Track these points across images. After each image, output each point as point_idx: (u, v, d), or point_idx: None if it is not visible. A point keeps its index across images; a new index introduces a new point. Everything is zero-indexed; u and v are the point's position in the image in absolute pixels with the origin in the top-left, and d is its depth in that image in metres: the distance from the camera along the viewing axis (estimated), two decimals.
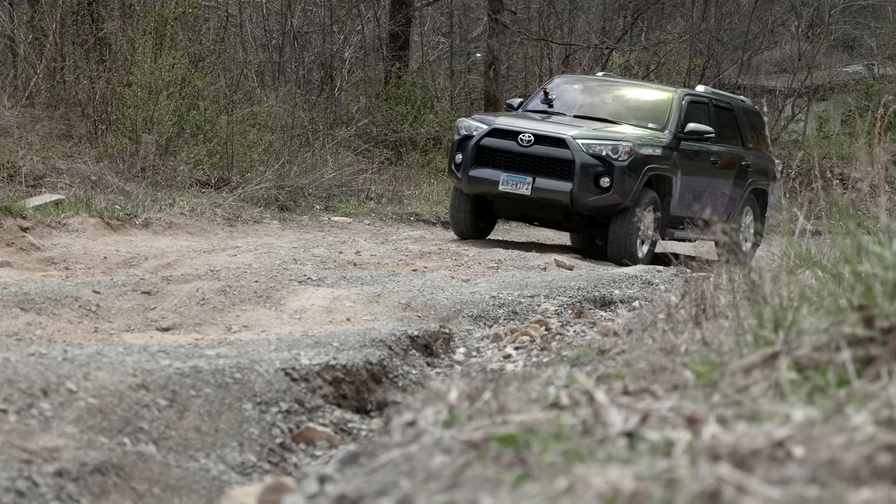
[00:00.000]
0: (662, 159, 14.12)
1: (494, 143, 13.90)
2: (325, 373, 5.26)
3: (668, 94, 15.35)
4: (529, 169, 13.73)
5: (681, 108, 14.79)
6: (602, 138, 13.77)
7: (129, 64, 16.91)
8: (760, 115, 17.65)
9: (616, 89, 15.67)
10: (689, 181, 14.62)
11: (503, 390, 3.42)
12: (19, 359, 4.56)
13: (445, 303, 8.15)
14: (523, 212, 14.51)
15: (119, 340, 5.95)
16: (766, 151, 16.83)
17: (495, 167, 13.87)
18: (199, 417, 4.53)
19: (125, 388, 4.47)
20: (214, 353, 5.33)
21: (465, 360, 6.55)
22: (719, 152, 15.33)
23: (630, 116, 14.86)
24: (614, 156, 13.55)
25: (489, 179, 13.87)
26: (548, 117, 14.72)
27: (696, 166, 14.82)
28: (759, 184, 16.23)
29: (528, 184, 13.68)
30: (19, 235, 10.31)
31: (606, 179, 13.54)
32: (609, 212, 13.80)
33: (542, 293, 8.84)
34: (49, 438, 3.88)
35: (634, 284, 9.69)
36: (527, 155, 13.72)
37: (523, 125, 14.02)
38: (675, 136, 14.46)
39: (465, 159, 13.97)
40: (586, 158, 13.58)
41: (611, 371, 4.01)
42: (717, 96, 16.14)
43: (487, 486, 2.47)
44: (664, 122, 14.65)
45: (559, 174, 13.64)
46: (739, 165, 15.81)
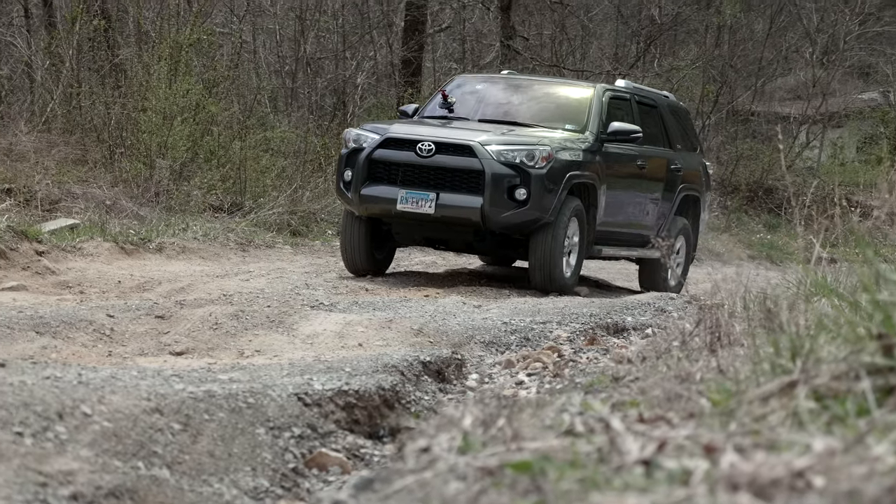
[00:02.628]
0: (585, 165, 12.30)
1: (389, 155, 11.90)
2: (337, 398, 5.26)
3: (585, 90, 13.49)
4: (432, 183, 11.76)
5: (601, 105, 12.93)
6: (515, 143, 11.85)
7: (145, 90, 16.99)
8: (687, 112, 16.10)
9: (525, 88, 13.81)
10: (615, 190, 12.89)
11: (517, 417, 3.41)
12: (35, 382, 4.56)
13: (457, 329, 8.14)
14: (426, 234, 12.40)
15: (133, 364, 5.95)
16: (696, 154, 15.22)
17: (391, 183, 11.84)
18: (212, 442, 4.52)
19: (139, 412, 4.46)
20: (227, 377, 5.32)
21: (477, 387, 6.54)
22: (646, 155, 13.53)
23: (543, 118, 13.03)
24: (530, 163, 11.67)
25: (385, 198, 11.81)
26: (449, 123, 12.82)
27: (622, 172, 13.11)
28: (691, 190, 14.48)
29: (430, 200, 11.69)
30: (35, 259, 10.34)
31: (523, 191, 11.62)
32: (527, 228, 11.90)
33: (554, 319, 8.83)
34: (64, 461, 3.88)
35: (647, 311, 9.66)
36: (428, 167, 11.76)
37: (422, 132, 12.06)
38: (597, 137, 12.61)
39: (356, 176, 11.90)
40: (498, 168, 11.63)
41: (625, 398, 4.00)
42: (640, 92, 14.27)
43: None
44: (583, 122, 12.78)
45: (467, 187, 11.69)
46: (669, 170, 14.01)
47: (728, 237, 21.06)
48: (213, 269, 11.43)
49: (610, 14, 27.76)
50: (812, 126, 28.89)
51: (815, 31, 30.59)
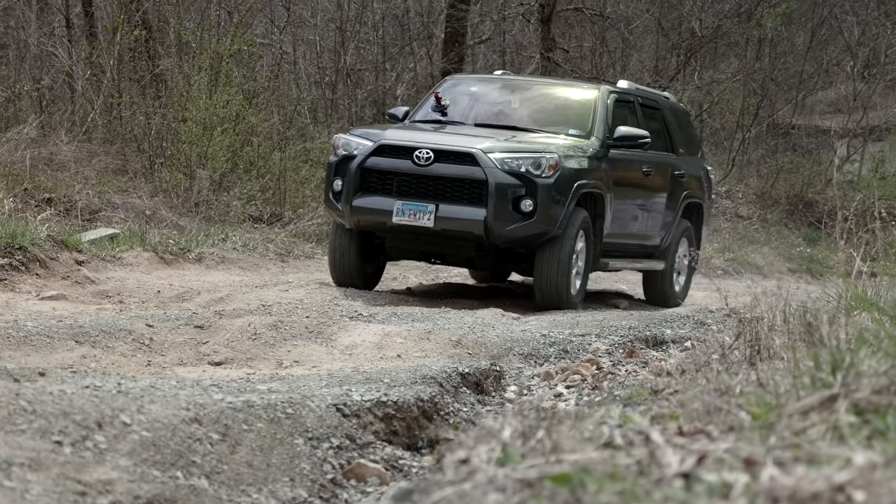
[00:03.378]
0: (593, 173, 11.53)
1: (383, 164, 11.05)
2: (376, 409, 5.26)
3: (589, 92, 12.60)
4: (430, 194, 10.92)
5: (607, 108, 12.14)
6: (520, 151, 11.03)
7: (185, 100, 17.08)
8: (688, 114, 15.25)
9: (523, 90, 12.92)
10: (621, 199, 12.13)
11: (557, 429, 3.40)
12: (74, 391, 4.59)
13: (496, 340, 8.13)
14: (424, 248, 11.57)
15: (172, 374, 5.98)
16: (699, 159, 14.36)
17: (386, 193, 11.01)
18: (251, 452, 4.53)
19: (178, 422, 4.48)
20: (266, 387, 5.34)
21: (516, 399, 6.53)
22: (651, 161, 12.73)
23: (544, 122, 12.22)
24: (537, 172, 10.88)
25: (379, 209, 10.96)
26: (444, 128, 11.95)
27: (628, 180, 12.34)
28: (695, 197, 13.70)
29: (429, 213, 10.83)
30: (75, 269, 10.41)
31: (529, 202, 10.84)
32: (533, 242, 11.12)
33: (592, 332, 8.81)
34: (103, 471, 3.90)
35: (686, 324, 9.63)
36: (426, 176, 10.91)
37: (419, 138, 11.21)
38: (602, 143, 11.83)
39: (347, 185, 11.04)
40: (502, 177, 10.83)
41: (664, 411, 3.98)
42: (642, 93, 13.46)
43: None
44: (588, 126, 11.99)
45: (469, 198, 10.88)
46: (673, 176, 13.19)
47: (768, 250, 20.95)
48: (252, 279, 11.48)
49: (650, 26, 27.70)
50: (853, 140, 28.72)
51: (856, 45, 30.42)
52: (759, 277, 16.50)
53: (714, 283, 13.74)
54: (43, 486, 3.62)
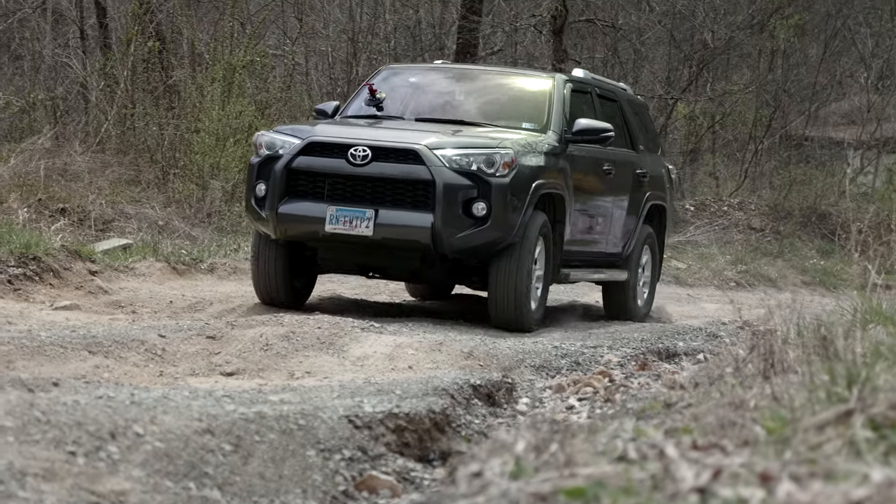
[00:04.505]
0: (551, 172, 10.25)
1: (313, 164, 9.77)
2: (388, 421, 5.25)
3: (544, 81, 11.30)
4: (368, 197, 9.65)
5: (563, 99, 10.89)
6: (470, 147, 9.75)
7: (198, 111, 17.12)
8: (646, 107, 13.96)
9: (469, 80, 11.60)
10: (582, 201, 10.91)
11: (570, 442, 3.39)
12: (88, 401, 4.59)
13: (508, 352, 8.13)
14: (361, 260, 10.18)
15: (184, 384, 5.98)
16: (659, 156, 13.25)
17: (317, 198, 9.73)
18: (263, 463, 4.53)
19: (191, 433, 4.48)
20: (278, 398, 5.34)
21: (528, 411, 6.52)
22: (612, 159, 11.50)
23: (495, 115, 10.93)
24: (490, 170, 9.61)
25: (309, 216, 9.70)
26: (381, 123, 10.66)
27: (589, 179, 11.13)
28: (658, 199, 12.47)
29: (368, 219, 9.56)
30: (88, 279, 10.43)
31: (482, 205, 9.57)
32: (487, 251, 9.80)
33: (605, 344, 8.80)
34: (116, 481, 3.90)
35: (699, 337, 9.61)
36: (363, 177, 9.65)
37: (354, 134, 9.94)
38: (561, 137, 10.59)
39: (272, 190, 9.76)
40: (451, 177, 9.55)
41: (678, 425, 3.97)
42: (600, 83, 12.15)
43: None
44: (544, 119, 10.73)
45: (413, 202, 9.61)
46: (634, 176, 12.01)
47: (782, 262, 20.91)
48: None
49: (662, 38, 27.70)
50: (866, 151, 28.67)
51: (869, 56, 30.39)
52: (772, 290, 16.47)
53: (727, 296, 13.71)
54: (57, 497, 3.62)
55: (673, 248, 19.70)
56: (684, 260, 19.01)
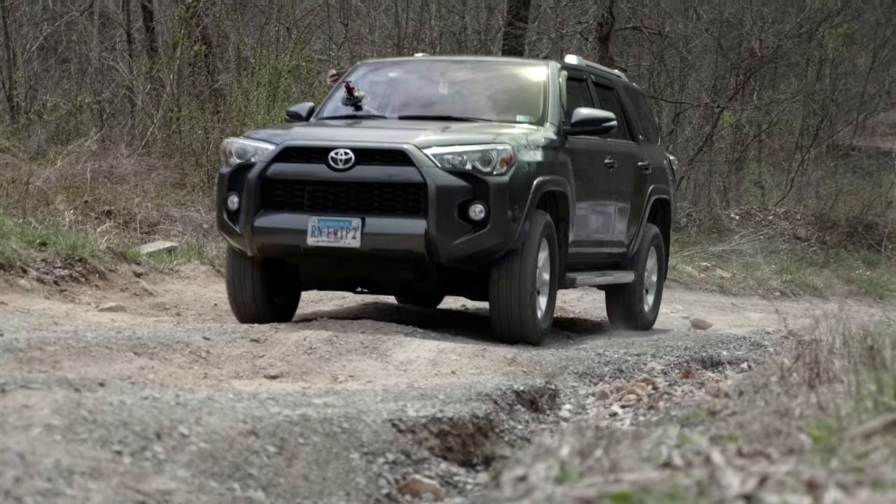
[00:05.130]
0: (552, 167, 9.40)
1: (290, 171, 8.90)
2: (431, 425, 5.26)
3: (537, 70, 10.41)
4: (353, 205, 8.78)
5: (559, 88, 10.02)
6: (464, 143, 8.88)
7: (243, 115, 17.20)
8: (643, 95, 13.09)
9: (454, 72, 10.58)
10: (585, 197, 10.06)
11: (614, 448, 3.39)
12: (134, 402, 4.63)
13: (551, 359, 8.13)
14: (349, 274, 9.25)
15: (228, 387, 6.02)
16: (659, 147, 12.42)
17: (296, 209, 8.85)
18: (307, 465, 4.55)
19: (235, 434, 4.51)
20: (322, 401, 5.36)
21: (571, 417, 6.51)
22: (614, 151, 10.70)
23: (486, 109, 10.05)
24: (487, 169, 8.77)
25: (289, 229, 8.82)
26: (361, 123, 9.85)
27: (591, 174, 10.25)
28: (661, 193, 11.66)
29: (354, 229, 8.68)
30: (133, 281, 10.50)
31: (480, 208, 8.72)
32: (487, 258, 8.93)
33: (648, 352, 8.78)
34: (162, 481, 3.93)
35: (743, 346, 9.58)
36: (347, 183, 8.77)
37: (334, 136, 9.10)
38: (559, 130, 9.73)
39: (246, 201, 8.87)
40: (444, 178, 8.69)
41: (723, 432, 3.96)
42: (595, 70, 11.35)
43: None
44: (540, 111, 9.86)
45: (403, 208, 8.75)
46: (636, 168, 11.17)
47: (827, 273, 20.77)
48: (308, 294, 11.50)
49: (709, 46, 27.59)
50: None
51: None
52: (817, 300, 16.37)
53: (772, 305, 13.62)
54: (103, 495, 3.65)
55: (717, 257, 19.62)
56: (729, 269, 18.92)
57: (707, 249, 20.30)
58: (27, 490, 3.54)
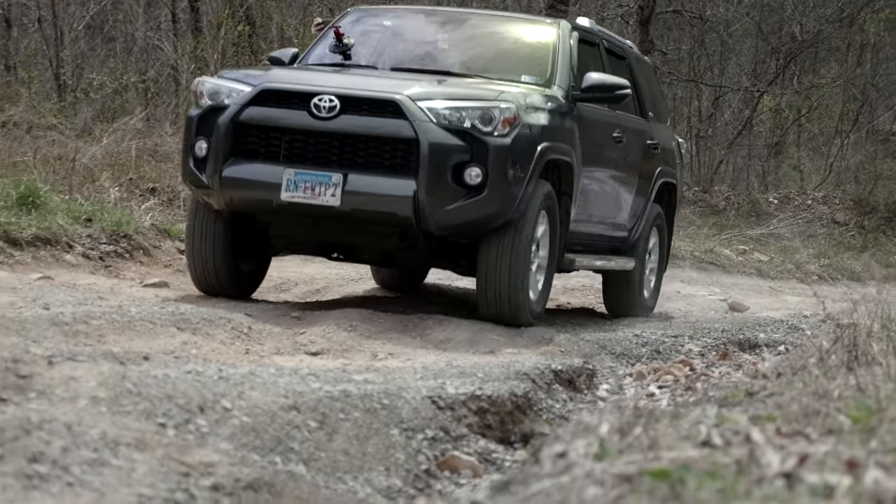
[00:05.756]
0: (559, 134, 8.51)
1: (267, 116, 7.97)
2: (470, 402, 5.31)
3: (547, 29, 9.45)
4: (335, 159, 7.86)
5: (570, 50, 9.13)
6: (464, 98, 7.99)
7: None
8: (655, 70, 12.07)
9: (457, 25, 9.60)
10: (591, 172, 9.16)
11: (653, 426, 3.42)
12: (177, 375, 4.69)
13: (588, 339, 8.16)
14: (324, 237, 8.35)
15: (270, 362, 6.07)
16: (668, 127, 11.55)
17: (271, 159, 7.95)
18: (347, 441, 4.60)
19: (277, 409, 4.56)
20: (362, 378, 5.41)
21: (608, 397, 6.55)
22: (623, 125, 9.83)
23: (488, 67, 9.07)
24: (487, 128, 7.85)
25: (261, 182, 7.91)
26: (348, 70, 8.91)
27: (598, 146, 9.30)
28: (669, 176, 10.84)
29: (334, 186, 7.76)
30: (177, 257, 10.55)
31: (477, 171, 7.81)
32: (481, 228, 8.03)
33: (685, 333, 8.79)
34: (205, 453, 3.98)
35: (780, 329, 9.57)
36: (330, 134, 7.86)
37: (318, 81, 8.13)
38: (567, 94, 8.84)
39: (215, 148, 7.98)
40: (439, 134, 7.77)
41: (761, 413, 3.98)
42: (608, 37, 10.35)
43: None
44: (547, 72, 8.96)
45: (391, 165, 7.83)
46: (645, 146, 10.32)
47: (866, 257, 20.69)
48: (349, 272, 11.54)
49: (750, 30, 27.47)
50: None
51: None
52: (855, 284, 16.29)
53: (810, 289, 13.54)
54: (148, 466, 3.71)
55: (756, 241, 19.57)
56: (767, 252, 18.87)
57: (745, 233, 20.26)
58: (74, 460, 3.60)
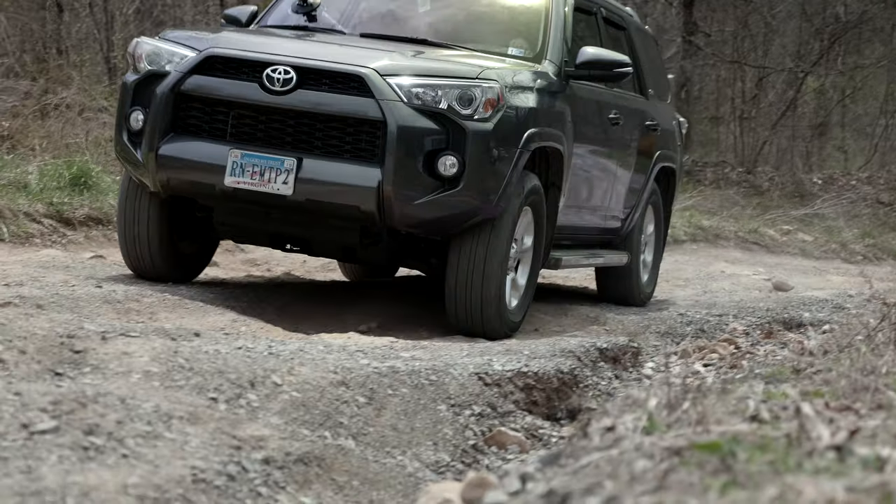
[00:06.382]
0: (549, 117, 7.45)
1: (213, 87, 6.90)
2: (517, 379, 5.35)
3: None
4: (289, 140, 6.80)
5: (564, 20, 8.09)
6: (440, 75, 6.87)
7: None
8: (657, 42, 10.89)
9: None
10: (583, 159, 8.14)
11: (701, 401, 3.44)
12: (228, 351, 4.75)
13: (633, 318, 8.19)
14: (276, 228, 7.21)
15: (318, 339, 6.13)
16: (669, 105, 10.44)
17: (215, 137, 6.89)
18: (395, 416, 4.64)
19: (326, 384, 4.61)
20: (410, 355, 5.45)
21: (653, 375, 6.56)
22: (621, 105, 8.82)
23: (471, 36, 8.05)
24: (466, 110, 6.77)
25: (203, 163, 6.86)
26: (311, 36, 7.79)
27: (592, 130, 8.31)
28: (668, 160, 9.86)
29: (287, 171, 6.70)
30: None
31: (453, 160, 6.73)
32: (456, 226, 6.95)
33: (730, 313, 8.81)
34: (256, 427, 4.03)
35: (825, 308, 9.55)
36: (284, 111, 6.80)
37: (273, 49, 6.98)
38: (560, 70, 7.81)
39: (152, 122, 6.94)
40: (409, 116, 6.69)
41: (808, 389, 3.99)
42: (606, 4, 9.12)
43: (693, 491, 2.50)
44: (538, 44, 7.93)
45: (353, 150, 6.75)
46: (643, 128, 9.30)
47: None
48: None
49: (794, 11, 27.27)
50: None
51: None
52: None
53: (855, 268, 13.50)
54: (201, 440, 3.76)
55: (800, 221, 19.48)
56: (811, 232, 18.78)
57: (789, 213, 20.16)
58: (129, 432, 3.65)
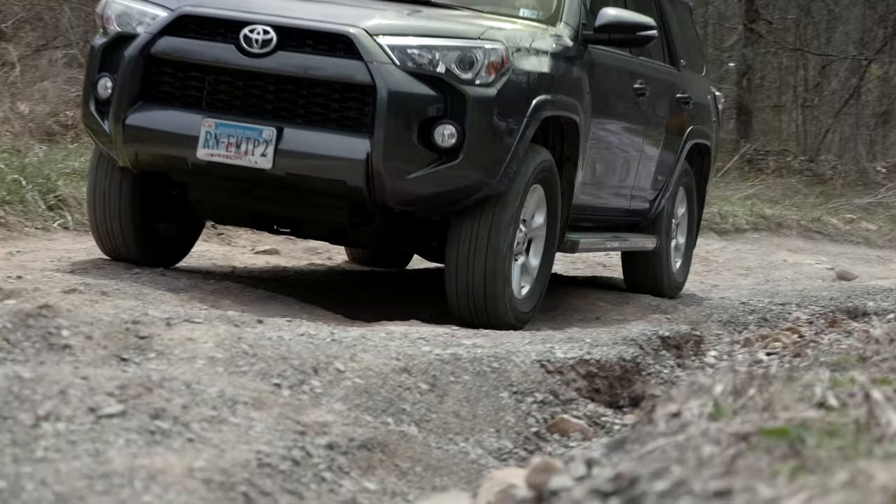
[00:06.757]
0: (563, 84, 6.78)
1: (185, 49, 6.33)
2: (579, 366, 5.34)
3: None
4: (269, 108, 6.22)
5: None
6: (437, 35, 6.27)
7: None
8: (690, 10, 9.95)
9: None
10: (603, 132, 7.44)
11: (767, 388, 3.42)
12: (291, 338, 4.77)
13: (695, 307, 8.16)
14: (255, 207, 6.60)
15: (380, 326, 6.14)
16: (704, 77, 9.65)
17: (188, 105, 6.32)
18: (457, 403, 4.65)
19: (389, 371, 4.62)
20: (471, 342, 5.46)
21: (716, 363, 6.53)
22: (647, 74, 8.10)
23: None
24: (466, 74, 6.16)
25: (174, 134, 6.29)
26: None
27: (614, 100, 7.60)
28: (702, 137, 9.10)
29: (265, 142, 6.10)
30: None
31: (451, 129, 6.11)
32: (455, 204, 6.37)
33: (793, 301, 8.76)
34: (319, 413, 4.05)
35: (889, 297, 9.48)
36: (263, 75, 6.21)
37: (251, 6, 6.36)
38: (577, 34, 7.05)
39: (120, 89, 6.35)
40: (402, 81, 6.08)
41: (876, 376, 3.96)
42: None
43: (762, 476, 2.48)
44: (552, 5, 7.12)
45: (339, 119, 6.16)
46: (674, 101, 8.59)
47: None
48: None
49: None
50: None
51: None
52: None
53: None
54: (265, 425, 3.78)
55: (863, 210, 19.30)
56: (875, 221, 18.61)
57: (852, 202, 19.97)
58: (194, 417, 3.68)
